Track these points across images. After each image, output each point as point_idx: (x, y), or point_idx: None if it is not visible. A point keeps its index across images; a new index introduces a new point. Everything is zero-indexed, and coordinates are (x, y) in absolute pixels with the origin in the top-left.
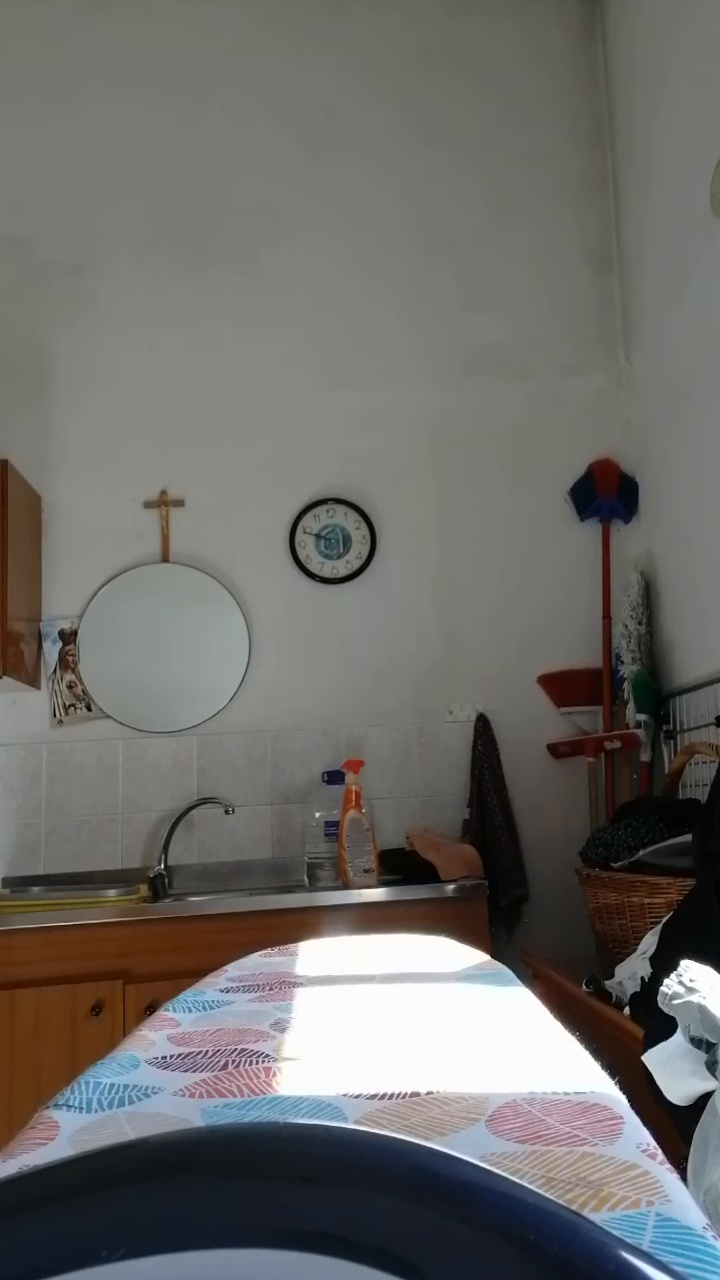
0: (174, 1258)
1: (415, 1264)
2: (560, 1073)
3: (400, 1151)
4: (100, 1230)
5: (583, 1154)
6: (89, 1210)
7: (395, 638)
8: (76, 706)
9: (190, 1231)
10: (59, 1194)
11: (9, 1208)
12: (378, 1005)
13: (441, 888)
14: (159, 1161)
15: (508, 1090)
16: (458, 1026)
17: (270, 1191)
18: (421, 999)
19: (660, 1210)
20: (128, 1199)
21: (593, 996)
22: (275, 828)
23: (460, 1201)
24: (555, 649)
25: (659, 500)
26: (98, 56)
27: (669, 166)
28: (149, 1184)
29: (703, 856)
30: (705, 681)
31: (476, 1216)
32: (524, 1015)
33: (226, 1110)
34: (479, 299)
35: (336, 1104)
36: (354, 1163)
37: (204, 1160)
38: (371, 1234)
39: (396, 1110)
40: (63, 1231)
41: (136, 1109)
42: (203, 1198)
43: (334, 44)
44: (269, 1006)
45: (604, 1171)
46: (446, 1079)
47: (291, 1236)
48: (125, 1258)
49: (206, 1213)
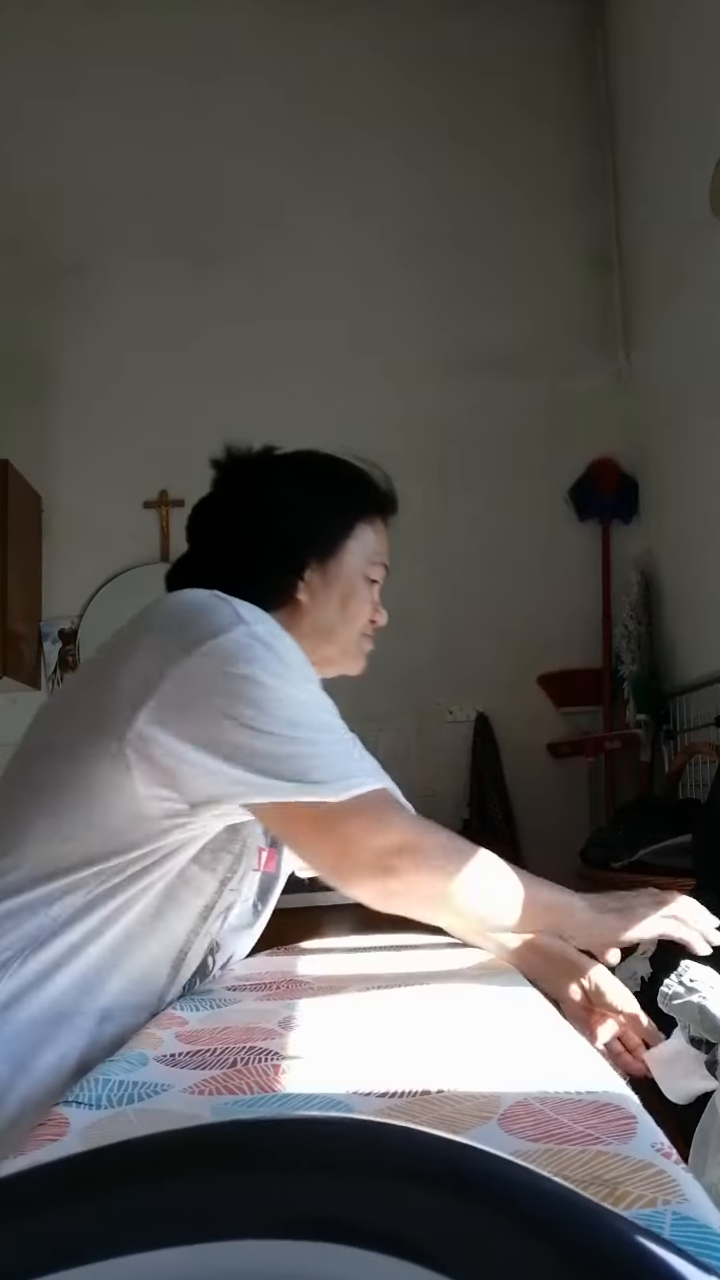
0: (189, 1249)
1: (433, 1252)
2: (571, 1072)
3: (420, 1141)
4: (119, 1222)
5: (596, 1153)
6: (109, 1202)
7: (395, 637)
8: None
9: (206, 1222)
10: (78, 1187)
11: (33, 1200)
12: (385, 1004)
13: None
14: (174, 1152)
15: (519, 1089)
16: (466, 1025)
17: (287, 1181)
18: (429, 998)
19: (677, 1209)
20: (150, 1191)
21: None
22: None
23: (482, 1191)
24: (555, 649)
25: (659, 500)
26: (99, 57)
27: (669, 166)
28: (167, 1176)
29: (703, 857)
30: (705, 681)
31: (498, 1206)
32: (532, 1015)
33: (236, 1107)
34: (479, 299)
35: (346, 1101)
36: (373, 1152)
37: (222, 1150)
38: (388, 1222)
39: (407, 1108)
40: (81, 1223)
41: (146, 1106)
42: (220, 1188)
43: (335, 44)
44: (276, 1005)
45: (619, 1170)
46: (456, 1077)
47: (306, 1225)
48: (144, 1249)
49: (223, 1203)
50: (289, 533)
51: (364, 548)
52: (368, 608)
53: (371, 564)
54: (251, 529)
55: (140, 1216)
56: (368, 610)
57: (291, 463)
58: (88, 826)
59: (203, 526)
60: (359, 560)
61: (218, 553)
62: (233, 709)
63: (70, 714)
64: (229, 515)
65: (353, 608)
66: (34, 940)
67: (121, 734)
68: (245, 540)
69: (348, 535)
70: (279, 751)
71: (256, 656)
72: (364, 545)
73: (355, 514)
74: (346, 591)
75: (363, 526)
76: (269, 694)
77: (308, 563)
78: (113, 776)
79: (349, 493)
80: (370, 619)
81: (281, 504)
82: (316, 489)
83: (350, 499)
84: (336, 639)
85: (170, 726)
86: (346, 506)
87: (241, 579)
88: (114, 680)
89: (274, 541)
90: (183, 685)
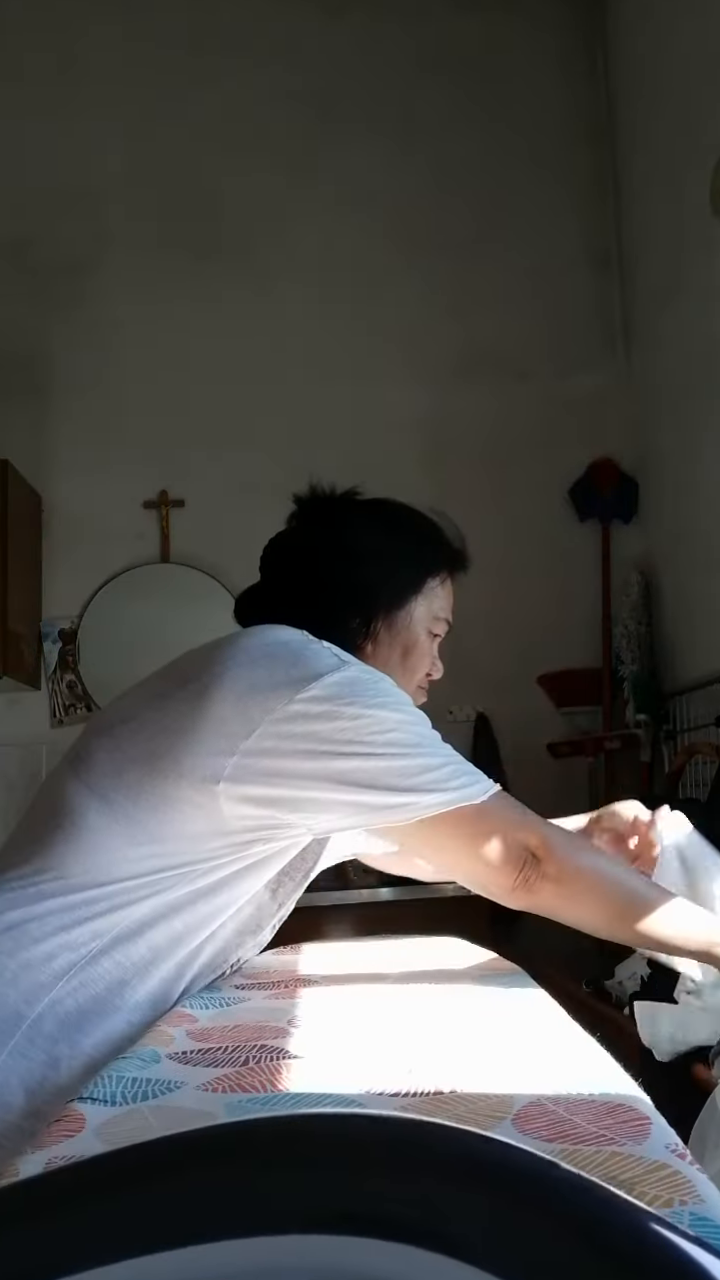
0: (218, 1246)
1: (472, 1245)
2: (583, 1073)
3: (454, 1137)
4: (142, 1221)
5: (611, 1153)
6: (133, 1201)
7: None
8: (76, 707)
9: (236, 1217)
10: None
11: (55, 1200)
12: (393, 1003)
13: (442, 888)
14: (202, 1149)
15: (531, 1090)
16: (476, 1025)
17: (315, 1176)
18: (438, 998)
19: (694, 1210)
20: (176, 1188)
21: (593, 996)
22: None
23: (512, 1184)
24: (555, 649)
25: (659, 500)
26: (98, 56)
27: (669, 166)
28: (191, 1173)
29: None
30: (705, 681)
31: (529, 1200)
32: (542, 1015)
33: (250, 1105)
34: (479, 298)
35: (361, 1101)
36: (402, 1145)
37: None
38: (419, 1215)
39: (420, 1108)
40: (107, 1221)
41: (160, 1103)
42: (252, 1183)
43: (334, 43)
44: (285, 1004)
45: (634, 1171)
46: (468, 1078)
47: (336, 1219)
48: (170, 1248)
49: (254, 1199)
50: (366, 579)
51: (430, 603)
52: (426, 661)
53: (436, 619)
54: (331, 570)
55: (167, 1214)
56: (426, 664)
57: (371, 509)
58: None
59: (281, 560)
60: (424, 615)
61: (294, 589)
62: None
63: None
64: (309, 553)
65: (413, 660)
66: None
67: (217, 770)
68: (324, 580)
69: (419, 589)
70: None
71: (365, 691)
72: (431, 600)
73: (428, 569)
74: (409, 644)
75: (432, 582)
76: (385, 721)
77: (378, 612)
78: (197, 798)
79: (424, 546)
80: (427, 673)
81: (362, 550)
82: (395, 539)
83: (424, 553)
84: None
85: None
86: (420, 560)
87: (316, 617)
88: (205, 709)
89: (352, 585)
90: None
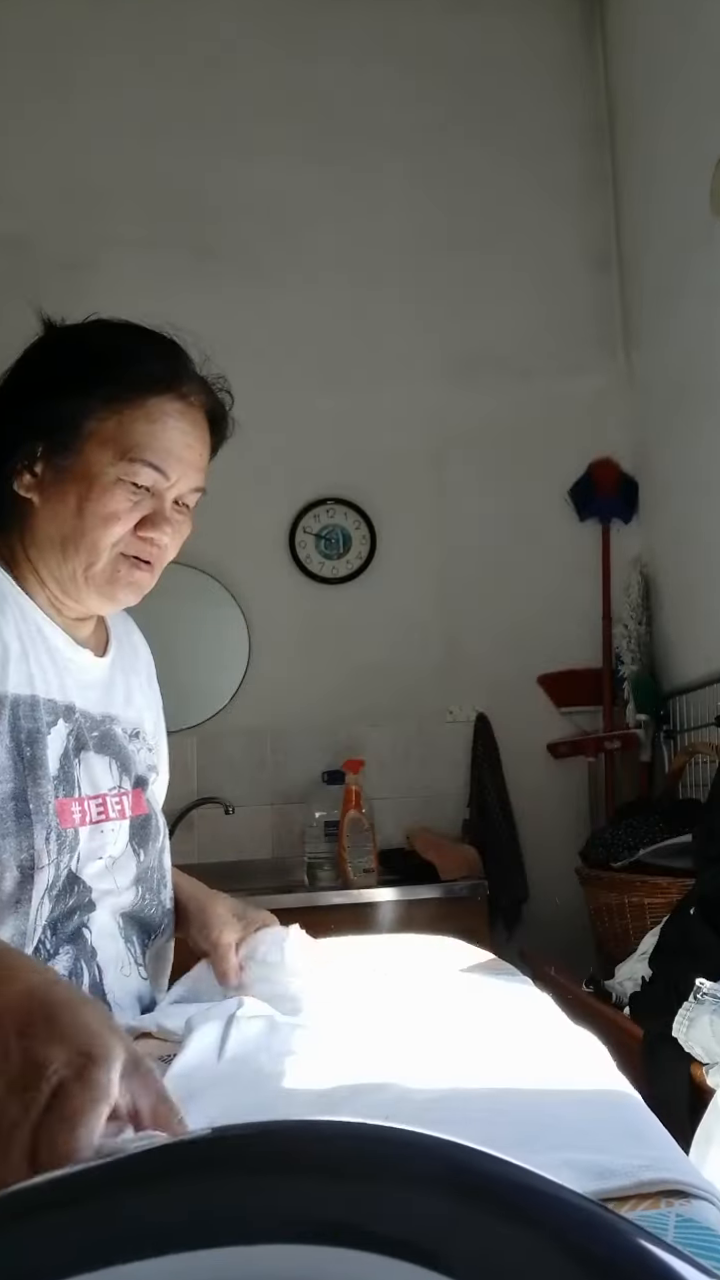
0: (196, 1255)
1: (438, 1254)
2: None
3: (426, 1146)
4: (123, 1229)
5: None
6: (116, 1209)
7: (395, 637)
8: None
9: (215, 1228)
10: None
11: (42, 1206)
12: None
13: (442, 888)
14: (179, 1161)
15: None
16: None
17: (291, 1186)
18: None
19: (680, 1211)
20: (152, 1198)
21: (593, 996)
22: (275, 827)
23: (486, 1194)
24: (555, 649)
25: (659, 500)
26: (98, 55)
27: (669, 166)
28: (170, 1183)
29: (703, 857)
30: (705, 681)
31: (503, 1209)
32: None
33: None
34: (479, 298)
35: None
36: (378, 1156)
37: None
38: (393, 1226)
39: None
40: (88, 1230)
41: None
42: (229, 1194)
43: (334, 43)
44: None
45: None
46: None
47: (312, 1230)
48: (149, 1256)
49: (231, 1209)
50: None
51: (115, 439)
52: (115, 518)
53: (127, 462)
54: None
55: (152, 1223)
56: (116, 522)
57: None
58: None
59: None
60: (102, 454)
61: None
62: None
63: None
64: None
65: (91, 512)
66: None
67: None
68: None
69: (85, 419)
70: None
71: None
72: (114, 436)
73: (98, 394)
74: (83, 493)
75: (106, 413)
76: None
77: (36, 454)
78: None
79: (94, 368)
80: (140, 536)
81: (19, 382)
82: (59, 365)
83: (92, 374)
84: (74, 553)
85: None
86: (82, 384)
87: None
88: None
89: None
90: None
